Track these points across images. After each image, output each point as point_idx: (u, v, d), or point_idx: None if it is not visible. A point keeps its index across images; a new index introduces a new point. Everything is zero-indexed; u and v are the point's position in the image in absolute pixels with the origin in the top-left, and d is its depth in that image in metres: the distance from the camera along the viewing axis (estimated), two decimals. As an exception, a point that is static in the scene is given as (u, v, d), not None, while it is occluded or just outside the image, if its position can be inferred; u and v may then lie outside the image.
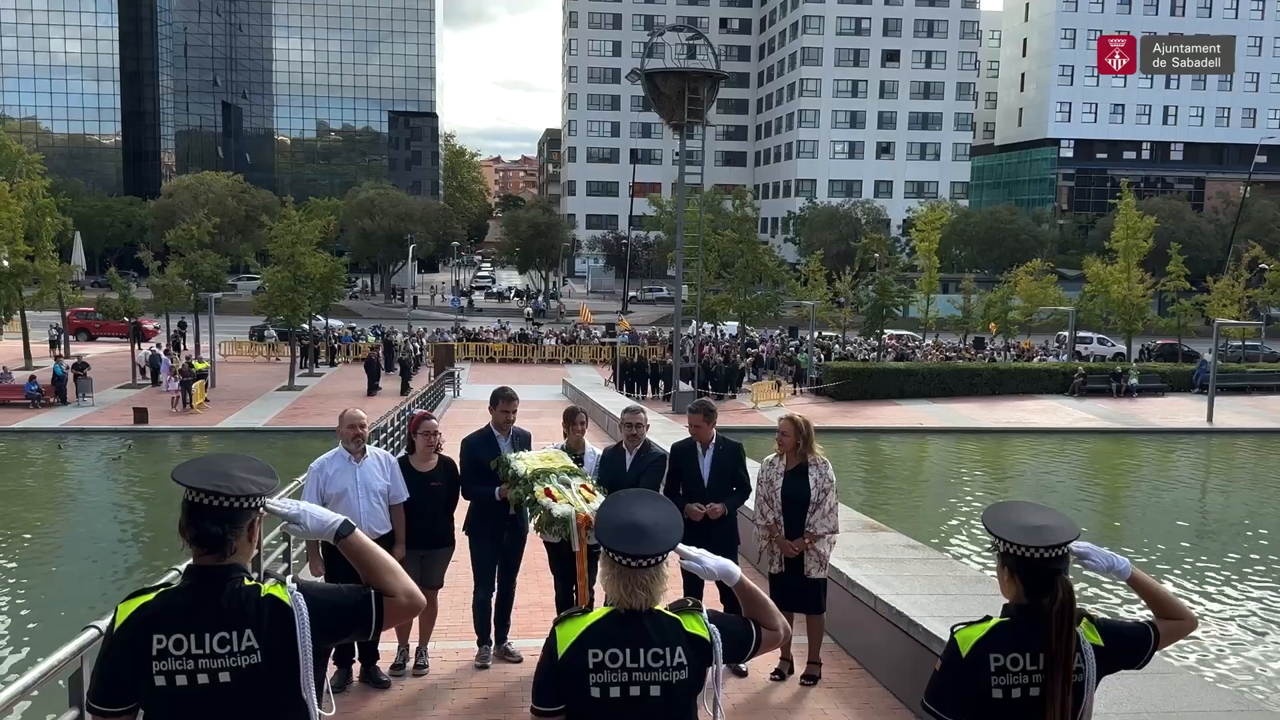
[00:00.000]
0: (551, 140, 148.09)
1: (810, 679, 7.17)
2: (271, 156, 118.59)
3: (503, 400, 7.52)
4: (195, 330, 48.20)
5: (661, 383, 42.06)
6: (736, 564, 3.32)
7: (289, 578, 2.78)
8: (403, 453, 7.66)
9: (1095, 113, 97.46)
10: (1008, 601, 3.14)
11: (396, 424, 19.80)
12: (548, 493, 6.54)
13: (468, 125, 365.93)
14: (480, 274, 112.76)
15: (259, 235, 59.88)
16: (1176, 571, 18.76)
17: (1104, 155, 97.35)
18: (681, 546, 3.14)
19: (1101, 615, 3.18)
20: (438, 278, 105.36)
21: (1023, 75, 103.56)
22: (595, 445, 7.83)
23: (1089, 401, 41.58)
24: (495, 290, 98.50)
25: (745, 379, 44.62)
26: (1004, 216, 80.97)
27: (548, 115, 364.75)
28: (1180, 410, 40.49)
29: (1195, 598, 16.89)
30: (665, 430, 18.78)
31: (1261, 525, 23.69)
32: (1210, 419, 37.95)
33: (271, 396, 39.60)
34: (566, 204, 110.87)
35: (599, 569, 3.10)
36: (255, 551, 2.83)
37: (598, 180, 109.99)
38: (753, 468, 7.79)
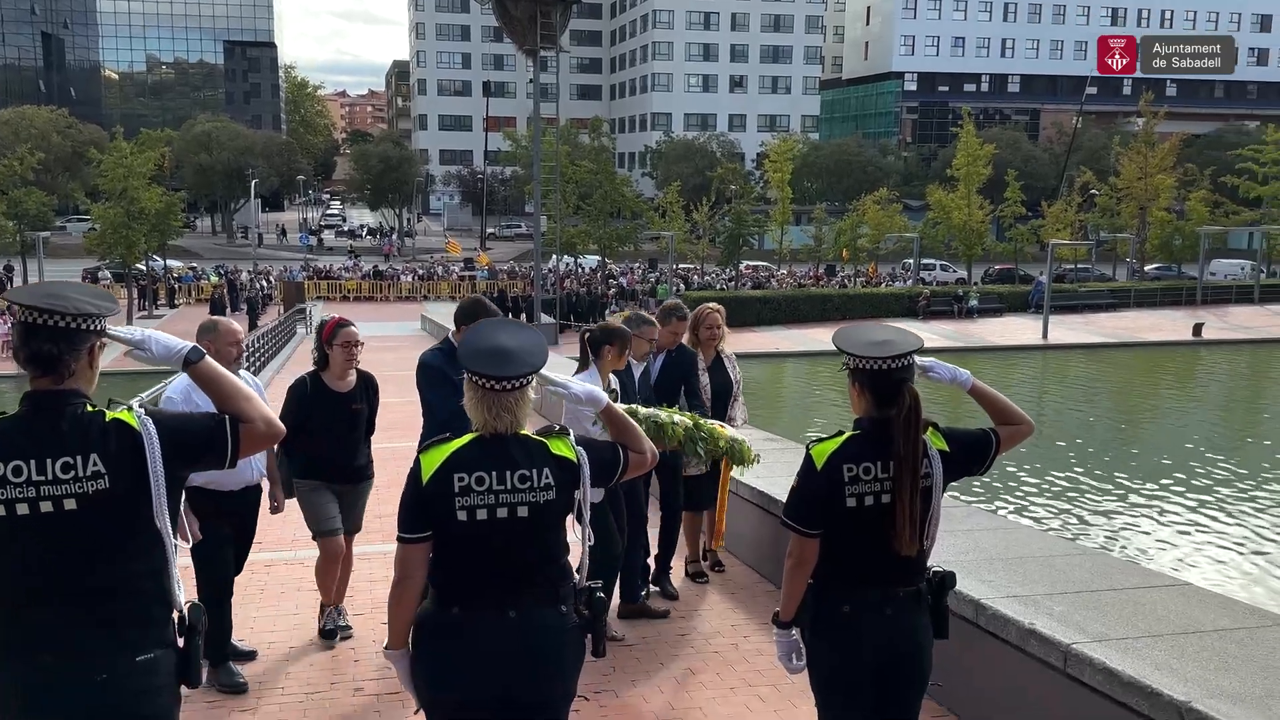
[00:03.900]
0: (400, 73, 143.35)
1: (722, 565, 7.25)
2: (99, 91, 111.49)
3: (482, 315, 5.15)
4: (23, 273, 45.41)
5: (524, 315, 41.94)
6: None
7: (135, 401, 2.67)
8: (311, 369, 5.99)
9: (937, 46, 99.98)
10: (859, 416, 3.27)
11: (258, 344, 19.32)
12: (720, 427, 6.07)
13: (308, 58, 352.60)
14: (329, 212, 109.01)
15: (88, 173, 56.53)
16: (1023, 469, 19.92)
17: (945, 88, 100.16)
18: (545, 372, 3.15)
19: (946, 425, 3.34)
20: (284, 216, 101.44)
21: (868, 9, 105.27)
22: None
23: (933, 323, 43.29)
24: (346, 229, 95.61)
25: (608, 310, 44.78)
26: (851, 149, 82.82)
27: (394, 48, 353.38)
28: (1017, 329, 42.62)
29: (1038, 489, 17.98)
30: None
31: (1094, 430, 25.37)
32: (1045, 336, 40.09)
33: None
34: (418, 139, 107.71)
35: (464, 395, 3.07)
36: (96, 379, 2.69)
37: (450, 114, 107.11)
38: None
